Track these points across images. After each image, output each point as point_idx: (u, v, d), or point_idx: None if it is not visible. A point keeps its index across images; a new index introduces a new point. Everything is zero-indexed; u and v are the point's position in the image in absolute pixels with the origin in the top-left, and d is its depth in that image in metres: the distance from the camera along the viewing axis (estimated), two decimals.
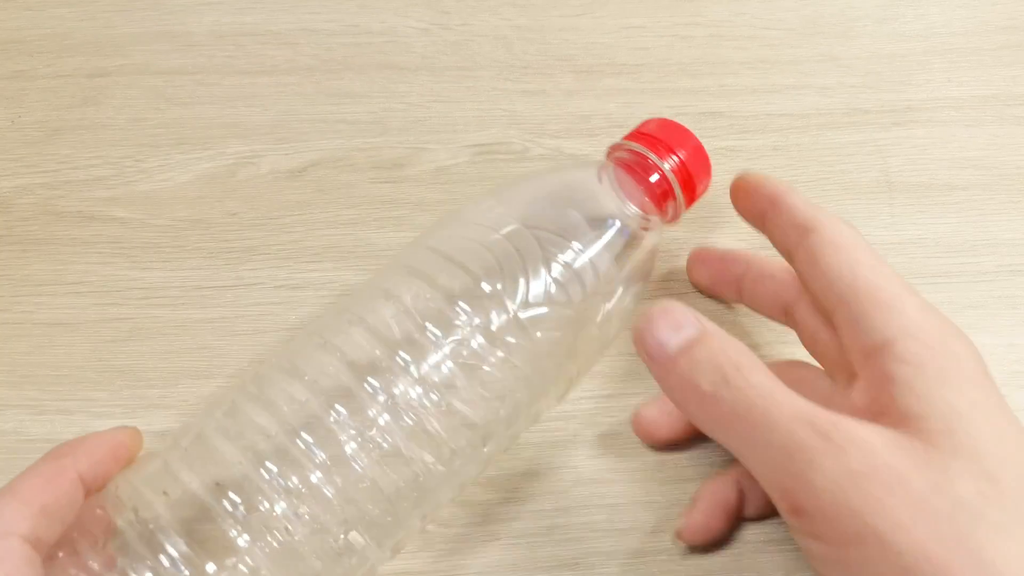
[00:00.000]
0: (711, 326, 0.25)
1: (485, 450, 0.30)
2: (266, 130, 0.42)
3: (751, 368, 0.24)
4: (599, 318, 0.31)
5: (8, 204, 0.39)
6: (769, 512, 0.31)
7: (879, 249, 0.38)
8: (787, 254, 0.30)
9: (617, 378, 0.35)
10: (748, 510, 0.31)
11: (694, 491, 0.32)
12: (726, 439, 0.25)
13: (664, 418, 0.32)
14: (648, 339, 0.25)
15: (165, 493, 0.26)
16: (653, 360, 0.25)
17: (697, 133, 0.42)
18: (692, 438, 0.33)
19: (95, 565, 0.24)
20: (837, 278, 0.27)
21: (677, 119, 0.42)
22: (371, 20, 0.45)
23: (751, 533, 0.32)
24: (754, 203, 0.31)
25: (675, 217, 0.35)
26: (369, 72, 0.44)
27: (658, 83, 0.44)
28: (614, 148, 0.35)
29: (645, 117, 0.42)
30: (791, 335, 0.32)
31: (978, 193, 0.41)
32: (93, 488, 0.26)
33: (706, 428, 0.25)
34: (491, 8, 0.46)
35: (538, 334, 0.29)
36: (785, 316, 0.32)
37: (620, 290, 0.32)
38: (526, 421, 0.31)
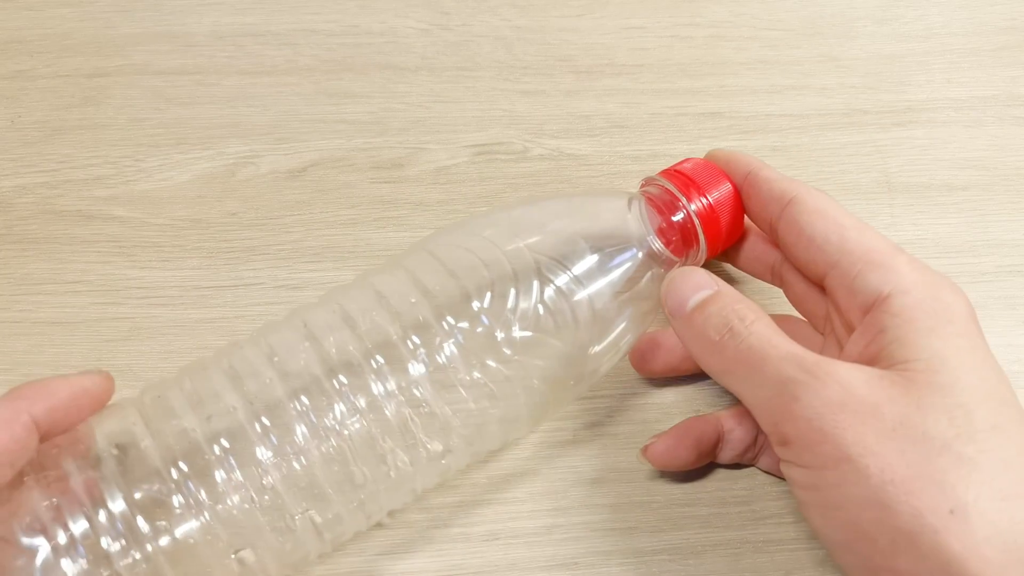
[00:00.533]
0: (726, 287, 0.28)
1: (443, 462, 0.29)
2: (266, 130, 0.42)
3: (754, 319, 0.27)
4: (592, 350, 0.31)
5: (8, 203, 0.39)
6: (744, 461, 0.33)
7: None
8: (767, 225, 0.31)
9: (617, 379, 0.35)
10: (723, 454, 0.33)
11: (693, 490, 0.32)
12: (729, 382, 0.28)
13: (655, 350, 0.34)
14: (670, 298, 0.29)
15: (117, 447, 0.25)
16: (673, 316, 0.29)
17: (697, 133, 0.42)
18: (676, 376, 0.35)
19: (40, 505, 0.24)
20: (825, 243, 0.29)
21: (677, 119, 0.43)
22: (371, 21, 0.45)
23: (750, 533, 0.32)
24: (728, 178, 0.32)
25: (696, 263, 0.32)
26: (369, 72, 0.44)
27: (658, 84, 0.44)
28: (647, 181, 0.33)
29: (645, 118, 0.43)
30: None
31: (978, 194, 0.41)
32: (50, 433, 0.26)
33: (714, 373, 0.28)
34: (491, 9, 0.46)
35: (517, 358, 0.29)
36: (772, 275, 0.34)
37: (621, 326, 0.31)
38: (492, 441, 0.31)
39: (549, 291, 0.29)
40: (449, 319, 0.28)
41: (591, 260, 0.30)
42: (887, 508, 0.23)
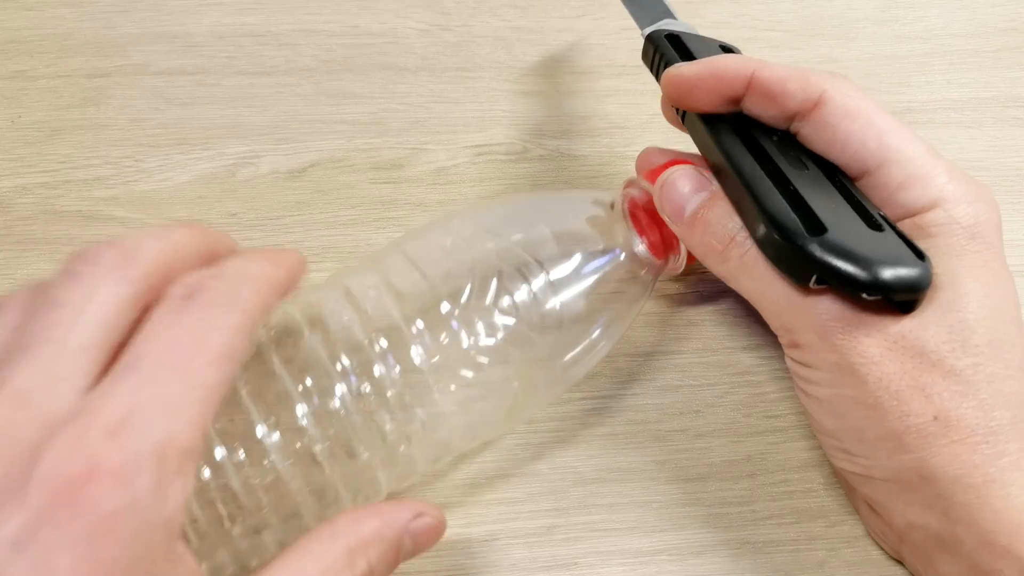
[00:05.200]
0: (717, 186, 0.29)
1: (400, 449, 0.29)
2: (266, 130, 0.42)
3: None
4: (566, 357, 0.30)
5: (8, 204, 0.39)
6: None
7: None
8: (785, 124, 0.30)
9: (617, 379, 0.35)
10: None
11: (693, 490, 0.33)
12: (738, 286, 0.29)
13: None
14: (667, 204, 0.29)
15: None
16: (673, 221, 0.29)
17: None
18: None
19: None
20: (862, 148, 0.28)
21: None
22: (371, 21, 0.45)
23: (750, 533, 0.32)
24: (716, 95, 0.30)
25: (675, 269, 0.33)
26: (369, 73, 0.44)
27: (658, 84, 0.44)
28: (629, 183, 0.33)
29: (644, 119, 0.43)
30: None
31: None
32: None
33: (720, 277, 0.29)
34: (491, 9, 0.46)
35: (494, 364, 0.28)
36: None
37: (597, 331, 0.31)
38: (462, 444, 0.31)
39: (530, 293, 0.29)
40: (419, 323, 0.28)
41: (573, 262, 0.30)
42: (878, 409, 0.26)
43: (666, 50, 0.33)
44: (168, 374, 0.20)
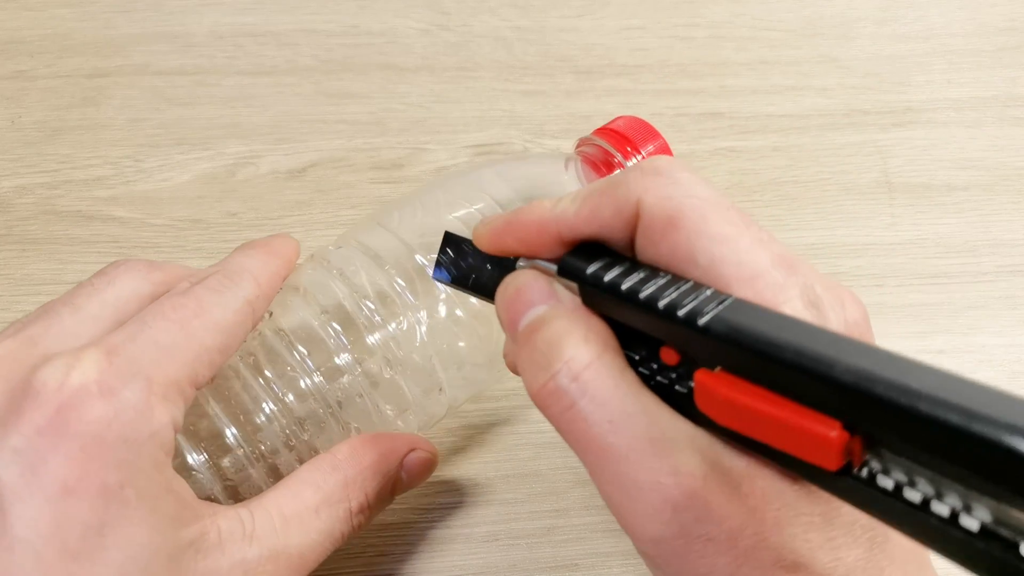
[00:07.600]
0: (567, 298, 0.21)
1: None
2: (266, 130, 0.42)
3: (586, 364, 0.20)
4: None
5: (8, 204, 0.39)
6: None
7: (879, 249, 0.39)
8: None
9: None
10: None
11: None
12: (565, 440, 0.21)
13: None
14: (503, 311, 0.22)
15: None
16: (510, 338, 0.22)
17: (697, 134, 0.42)
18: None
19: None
20: (690, 264, 0.20)
21: (677, 120, 0.43)
22: (371, 21, 0.45)
23: None
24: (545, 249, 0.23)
25: None
26: (369, 73, 0.44)
27: (658, 84, 0.44)
28: (582, 142, 0.34)
29: (645, 118, 0.43)
30: None
31: (978, 194, 0.41)
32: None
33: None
34: (491, 9, 0.46)
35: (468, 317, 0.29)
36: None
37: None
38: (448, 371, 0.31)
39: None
40: (400, 281, 0.29)
41: None
42: None
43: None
44: (166, 325, 0.23)
